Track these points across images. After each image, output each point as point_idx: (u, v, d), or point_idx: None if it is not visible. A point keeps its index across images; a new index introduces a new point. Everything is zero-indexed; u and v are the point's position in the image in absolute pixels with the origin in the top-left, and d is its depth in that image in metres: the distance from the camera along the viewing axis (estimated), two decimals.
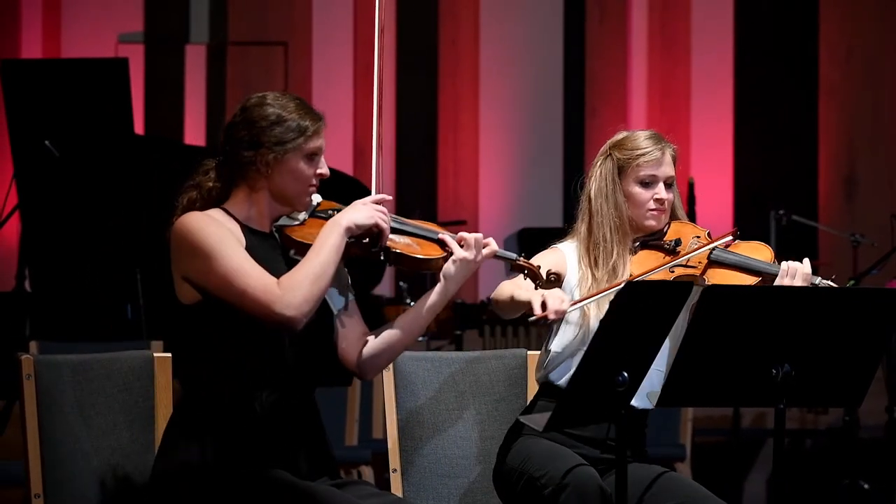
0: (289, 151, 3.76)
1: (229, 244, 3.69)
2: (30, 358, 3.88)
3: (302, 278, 3.68)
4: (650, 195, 4.20)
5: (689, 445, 7.24)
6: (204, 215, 3.74)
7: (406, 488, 4.16)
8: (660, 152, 4.23)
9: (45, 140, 7.36)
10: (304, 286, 3.67)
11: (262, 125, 3.76)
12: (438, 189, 10.37)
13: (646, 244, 4.23)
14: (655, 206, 4.20)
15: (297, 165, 3.78)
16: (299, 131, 3.77)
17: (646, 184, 4.21)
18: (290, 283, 3.67)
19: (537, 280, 3.90)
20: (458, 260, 3.84)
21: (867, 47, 10.22)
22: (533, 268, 3.90)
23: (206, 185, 3.83)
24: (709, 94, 10.33)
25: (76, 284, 7.60)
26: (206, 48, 10.42)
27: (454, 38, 10.44)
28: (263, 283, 3.67)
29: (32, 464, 3.84)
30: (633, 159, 4.21)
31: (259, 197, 3.80)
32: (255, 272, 3.67)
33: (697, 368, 3.67)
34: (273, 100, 3.79)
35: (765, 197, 9.91)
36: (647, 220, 4.21)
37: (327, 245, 3.72)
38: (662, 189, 4.21)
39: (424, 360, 4.27)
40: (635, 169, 4.21)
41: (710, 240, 4.20)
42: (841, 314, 3.68)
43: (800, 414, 8.99)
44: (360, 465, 6.88)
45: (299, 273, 3.69)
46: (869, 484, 7.75)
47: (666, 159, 4.24)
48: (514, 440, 4.11)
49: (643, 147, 4.23)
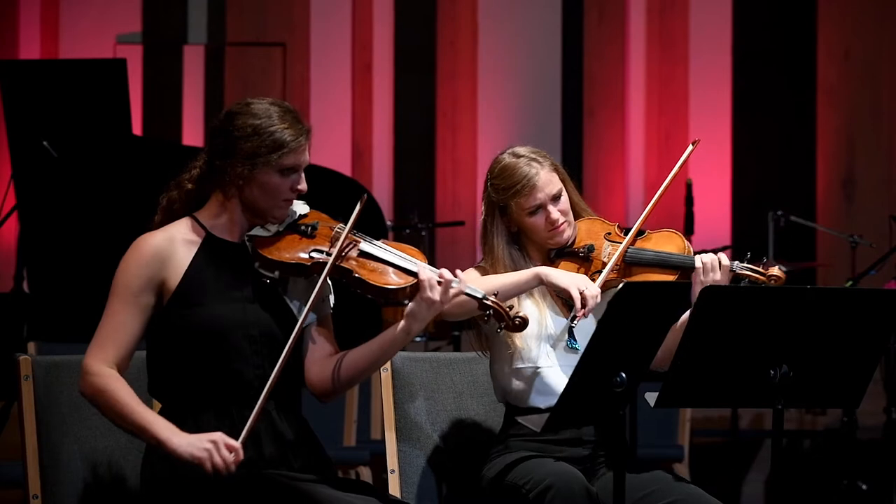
0: (258, 166, 3.67)
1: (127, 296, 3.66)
2: (28, 359, 3.88)
3: (104, 385, 3.61)
4: (542, 220, 4.12)
5: (687, 446, 7.24)
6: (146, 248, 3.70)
7: (404, 489, 4.15)
8: (535, 177, 4.10)
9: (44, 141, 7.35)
10: (96, 387, 3.62)
11: (236, 135, 3.68)
12: (437, 190, 10.37)
13: (560, 253, 4.16)
14: (550, 227, 4.12)
15: (269, 180, 3.68)
16: (274, 146, 3.67)
17: (533, 212, 4.12)
18: (96, 372, 3.63)
19: (502, 322, 3.77)
20: (424, 300, 3.69)
21: (865, 48, 10.22)
22: (502, 308, 3.77)
23: (186, 186, 3.79)
24: (707, 95, 10.32)
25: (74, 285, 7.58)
26: (204, 49, 10.42)
27: (453, 38, 10.43)
28: (101, 347, 3.64)
29: (30, 464, 3.84)
30: (510, 197, 4.11)
31: (231, 206, 3.74)
32: (111, 336, 3.64)
33: (695, 369, 3.67)
34: (257, 108, 3.70)
35: (763, 198, 9.90)
36: (551, 241, 4.14)
37: (140, 419, 3.60)
38: (552, 210, 4.11)
39: (422, 360, 4.27)
40: (517, 205, 4.11)
41: (621, 235, 4.12)
42: (839, 315, 3.68)
43: (798, 415, 8.99)
44: (358, 466, 6.88)
45: (108, 382, 3.62)
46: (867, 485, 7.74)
47: (543, 180, 4.11)
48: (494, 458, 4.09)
49: (516, 181, 4.10)
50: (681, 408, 7.01)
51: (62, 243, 7.69)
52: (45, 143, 7.34)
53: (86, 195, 7.56)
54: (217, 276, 3.72)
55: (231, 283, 3.72)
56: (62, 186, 7.56)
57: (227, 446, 3.54)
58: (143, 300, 3.68)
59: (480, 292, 3.78)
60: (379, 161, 10.37)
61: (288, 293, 3.79)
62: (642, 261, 4.08)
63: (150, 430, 3.58)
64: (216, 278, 3.71)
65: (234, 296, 3.72)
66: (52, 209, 7.66)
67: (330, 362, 3.79)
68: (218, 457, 3.53)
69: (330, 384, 3.78)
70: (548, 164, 4.15)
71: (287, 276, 3.76)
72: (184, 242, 3.72)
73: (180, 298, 3.68)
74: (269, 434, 3.71)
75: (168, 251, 3.70)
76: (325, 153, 9.87)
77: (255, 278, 3.75)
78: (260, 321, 3.72)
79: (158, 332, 3.70)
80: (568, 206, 4.15)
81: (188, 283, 3.69)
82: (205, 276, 3.70)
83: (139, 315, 3.68)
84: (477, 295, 3.77)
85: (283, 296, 3.78)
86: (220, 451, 3.53)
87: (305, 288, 3.78)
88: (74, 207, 7.61)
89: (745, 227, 10.07)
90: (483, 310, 3.78)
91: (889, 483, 7.77)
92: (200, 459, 3.53)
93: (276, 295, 3.77)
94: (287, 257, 3.72)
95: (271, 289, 3.76)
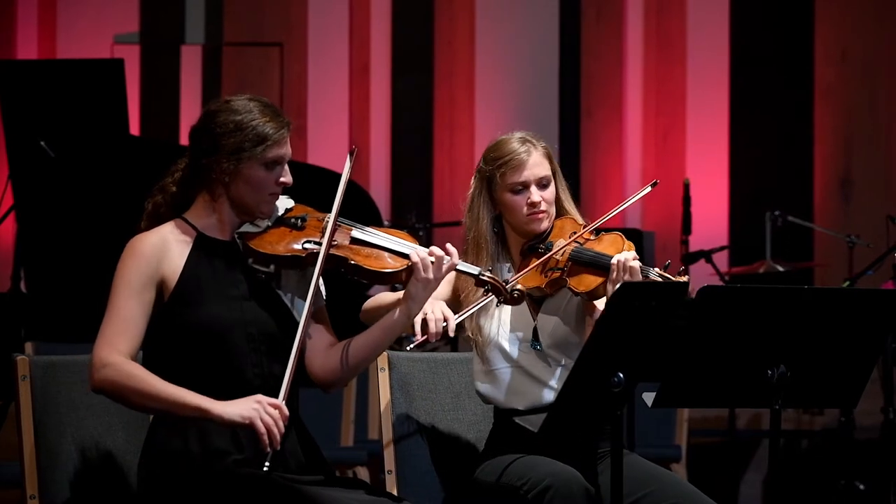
0: (244, 160, 3.69)
1: (129, 290, 3.64)
2: (25, 359, 3.88)
3: (135, 377, 3.59)
4: (523, 200, 4.11)
5: (684, 446, 7.24)
6: (142, 246, 3.69)
7: (401, 489, 4.15)
8: (525, 155, 4.11)
9: (41, 141, 7.36)
10: (126, 381, 3.59)
11: (219, 132, 3.69)
12: (434, 190, 10.37)
13: (531, 248, 4.15)
14: (530, 210, 4.11)
15: (255, 174, 3.70)
16: (257, 140, 3.69)
17: (517, 190, 4.11)
18: (124, 369, 3.60)
19: (500, 296, 3.81)
20: (420, 280, 3.73)
21: (862, 48, 10.22)
22: (498, 283, 3.81)
23: (171, 189, 3.80)
24: (704, 95, 10.33)
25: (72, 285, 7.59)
26: (201, 49, 10.42)
27: (450, 38, 10.44)
28: (111, 339, 3.62)
29: (28, 465, 3.84)
30: (497, 168, 4.12)
31: (219, 205, 3.75)
32: (119, 327, 3.62)
33: (693, 369, 3.67)
34: (237, 105, 3.72)
35: (760, 198, 9.90)
36: (528, 226, 4.13)
37: (175, 400, 3.59)
38: (535, 192, 4.10)
39: (420, 360, 4.26)
40: (503, 177, 4.11)
41: (582, 236, 4.10)
42: (836, 315, 3.68)
43: (795, 415, 8.99)
44: (355, 466, 6.88)
45: (142, 376, 3.60)
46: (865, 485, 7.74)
47: (533, 160, 4.12)
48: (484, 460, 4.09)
49: (506, 153, 4.12)
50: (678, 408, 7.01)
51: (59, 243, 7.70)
52: (43, 142, 7.34)
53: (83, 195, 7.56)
54: (212, 275, 3.72)
55: (226, 282, 3.73)
56: (59, 186, 7.57)
57: (271, 404, 3.56)
58: (146, 296, 3.68)
59: (475, 268, 3.84)
60: (376, 161, 10.37)
61: (281, 287, 3.80)
62: (582, 260, 4.05)
63: (190, 403, 3.58)
64: (211, 277, 3.72)
65: (230, 294, 3.72)
66: (50, 209, 7.66)
67: (333, 352, 3.81)
68: (266, 415, 3.54)
69: (336, 374, 3.81)
70: (541, 148, 4.16)
71: (282, 268, 3.78)
72: (177, 242, 3.73)
73: (179, 297, 3.68)
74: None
75: (164, 249, 3.71)
76: (322, 153, 9.88)
77: (248, 275, 3.76)
78: (258, 319, 3.73)
79: (156, 332, 3.70)
80: (552, 197, 4.15)
81: (185, 282, 3.69)
82: (200, 275, 3.71)
83: (143, 310, 3.67)
84: (472, 271, 3.82)
85: (277, 290, 3.79)
86: (267, 409, 3.56)
87: (298, 281, 3.80)
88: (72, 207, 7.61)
89: (743, 227, 10.07)
90: (480, 285, 3.83)
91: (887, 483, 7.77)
92: (251, 419, 3.54)
93: (270, 291, 3.78)
94: (281, 250, 3.73)
95: (265, 285, 3.77)
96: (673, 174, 9.97)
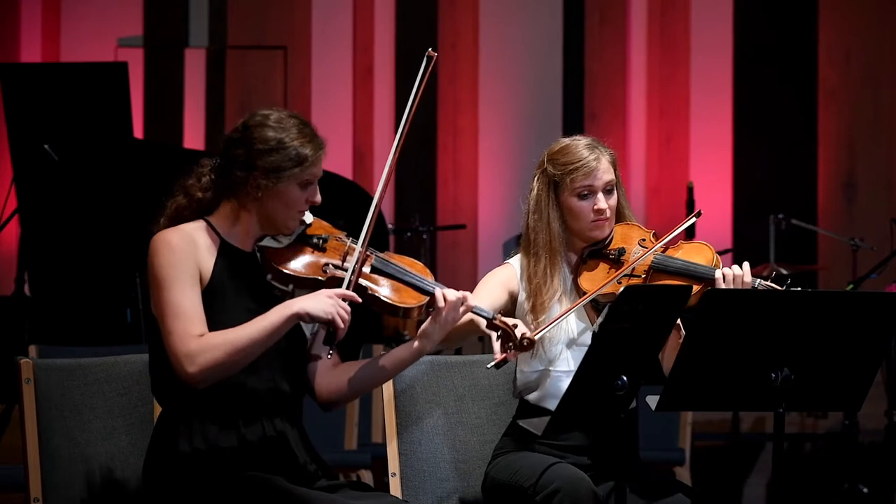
0: (282, 180, 3.70)
1: (179, 279, 3.62)
2: (29, 362, 3.88)
3: (222, 342, 3.58)
4: (590, 206, 4.14)
5: (688, 449, 7.23)
6: (174, 239, 3.66)
7: (405, 492, 4.16)
8: (595, 161, 4.14)
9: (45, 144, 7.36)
10: (219, 351, 3.57)
11: (259, 148, 3.69)
12: (437, 193, 10.37)
13: (593, 254, 4.17)
14: (596, 217, 4.14)
15: (290, 192, 3.72)
16: (297, 160, 3.71)
17: (584, 196, 4.14)
18: (209, 343, 3.58)
19: (510, 342, 3.80)
20: (439, 321, 3.75)
21: (866, 50, 10.22)
22: (509, 328, 3.80)
23: (196, 194, 3.78)
24: (708, 98, 10.32)
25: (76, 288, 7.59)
26: (205, 52, 10.42)
27: (454, 42, 10.44)
28: (186, 330, 3.58)
29: (31, 468, 3.84)
30: (567, 173, 4.14)
31: (246, 216, 3.74)
32: (186, 315, 3.59)
33: (697, 372, 3.67)
34: (275, 122, 3.72)
35: (764, 201, 9.90)
36: (590, 232, 4.16)
37: (266, 323, 3.61)
38: (602, 199, 4.14)
39: (423, 363, 4.26)
40: (571, 182, 4.13)
41: (654, 243, 4.14)
42: (840, 318, 3.68)
43: (799, 418, 8.99)
44: (359, 469, 6.87)
45: (223, 336, 3.59)
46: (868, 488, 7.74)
47: (602, 166, 4.15)
48: (499, 457, 4.11)
49: (576, 160, 4.14)
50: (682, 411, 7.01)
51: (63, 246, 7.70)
52: (47, 146, 7.34)
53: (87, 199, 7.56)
54: (234, 285, 3.71)
55: (245, 294, 3.72)
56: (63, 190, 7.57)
57: (341, 296, 3.62)
58: (197, 282, 3.66)
59: (489, 312, 3.83)
60: (380, 164, 10.36)
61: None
62: (669, 269, 4.10)
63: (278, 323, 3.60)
64: (234, 287, 3.71)
65: (249, 307, 3.70)
66: (54, 212, 7.67)
67: (337, 374, 3.82)
68: (343, 311, 3.62)
69: (337, 395, 3.82)
70: (608, 154, 4.19)
71: (301, 289, 3.77)
72: (204, 243, 3.72)
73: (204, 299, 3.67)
74: (273, 440, 3.71)
75: (195, 245, 3.69)
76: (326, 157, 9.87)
77: (265, 290, 3.75)
78: None
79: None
80: (616, 204, 4.18)
81: (213, 286, 3.68)
82: (225, 283, 3.70)
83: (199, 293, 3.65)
84: (486, 315, 3.82)
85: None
86: (341, 304, 3.62)
87: None
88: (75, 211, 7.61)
89: (747, 230, 10.07)
90: (492, 329, 3.82)
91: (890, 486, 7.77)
92: (333, 316, 3.60)
93: None
94: (302, 272, 3.73)
95: (280, 301, 3.74)
96: (676, 177, 9.97)
